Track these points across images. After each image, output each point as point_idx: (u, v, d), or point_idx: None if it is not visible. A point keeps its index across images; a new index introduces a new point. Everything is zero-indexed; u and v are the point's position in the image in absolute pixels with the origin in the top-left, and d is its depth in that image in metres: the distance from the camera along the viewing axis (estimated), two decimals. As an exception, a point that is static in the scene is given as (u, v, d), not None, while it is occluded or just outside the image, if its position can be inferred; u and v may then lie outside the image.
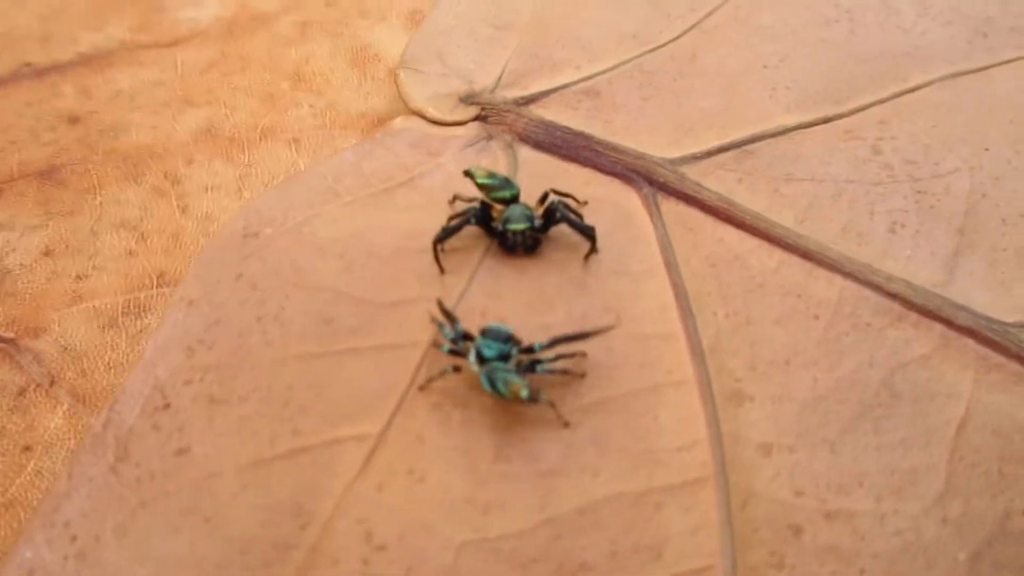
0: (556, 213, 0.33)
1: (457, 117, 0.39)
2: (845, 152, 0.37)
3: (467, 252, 0.34)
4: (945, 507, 0.26)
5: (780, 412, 0.28)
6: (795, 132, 0.38)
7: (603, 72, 0.40)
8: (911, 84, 0.40)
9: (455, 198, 0.34)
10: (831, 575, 0.25)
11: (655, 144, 0.37)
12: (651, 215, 0.34)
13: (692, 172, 0.36)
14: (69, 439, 0.30)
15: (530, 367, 0.28)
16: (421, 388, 0.29)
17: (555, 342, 0.29)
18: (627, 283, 0.32)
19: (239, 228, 0.34)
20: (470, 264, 0.33)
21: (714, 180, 0.36)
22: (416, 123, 0.39)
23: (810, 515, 0.26)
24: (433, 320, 0.30)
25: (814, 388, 0.29)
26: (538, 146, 0.37)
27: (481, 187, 0.34)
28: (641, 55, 0.41)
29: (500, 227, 0.33)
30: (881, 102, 0.39)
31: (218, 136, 0.39)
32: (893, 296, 0.31)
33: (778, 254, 0.33)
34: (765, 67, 0.40)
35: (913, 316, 0.31)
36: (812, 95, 0.39)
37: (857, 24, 0.42)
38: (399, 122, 0.39)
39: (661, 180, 0.36)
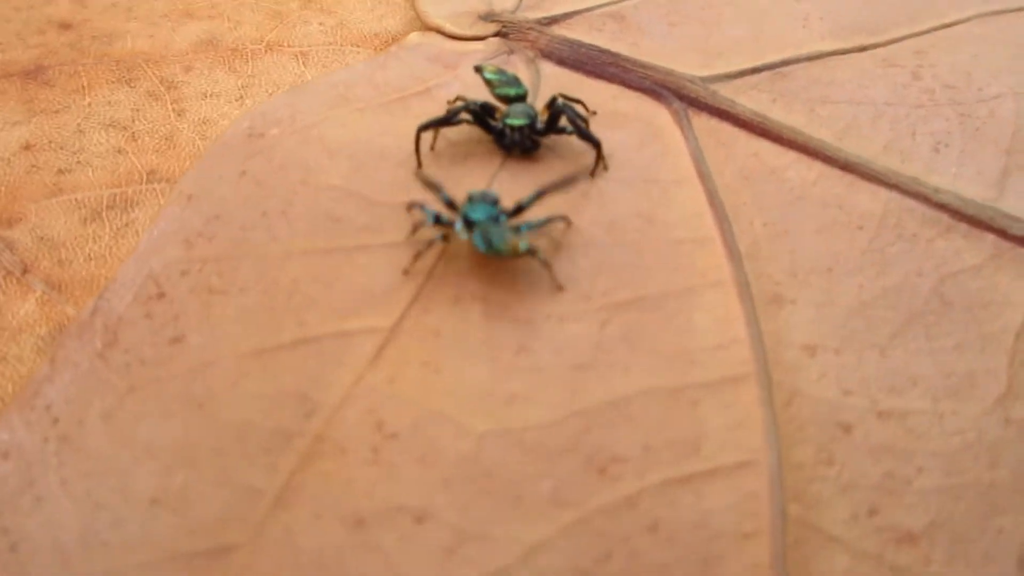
0: (561, 116, 0.31)
1: (476, 32, 0.37)
2: (883, 77, 0.35)
3: (484, 159, 0.31)
4: (1007, 408, 0.24)
5: (824, 316, 0.26)
6: (830, 58, 0.36)
7: (629, -2, 0.39)
8: (948, 20, 0.38)
9: (457, 99, 0.32)
10: (885, 473, 0.22)
11: (684, 63, 0.35)
12: (682, 129, 0.32)
13: (724, 90, 0.34)
14: (40, 326, 0.27)
15: (518, 228, 0.27)
16: (406, 272, 0.27)
17: (539, 194, 0.27)
18: (658, 191, 0.30)
19: (243, 128, 0.32)
20: (485, 175, 0.31)
21: (747, 98, 0.34)
22: (433, 38, 0.37)
23: (861, 414, 0.24)
24: (412, 206, 0.28)
25: (859, 295, 0.27)
26: (562, 62, 0.35)
27: (488, 82, 0.32)
28: (667, -17, 0.39)
29: (499, 125, 0.31)
30: (918, 35, 0.37)
31: (220, 47, 0.37)
32: (941, 207, 0.29)
33: (817, 167, 0.31)
34: (797, 0, 0.39)
35: (963, 227, 0.28)
36: (846, 26, 0.37)
37: (892, -40, 0.40)
38: (415, 37, 0.37)
39: (692, 95, 0.33)
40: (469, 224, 0.27)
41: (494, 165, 0.31)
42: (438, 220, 0.27)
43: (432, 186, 0.28)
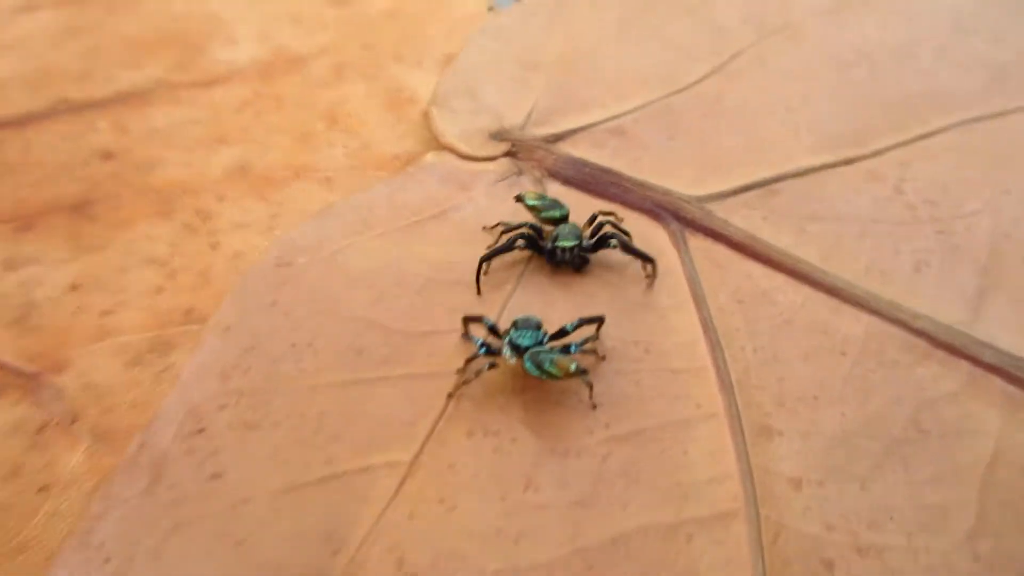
0: (606, 234, 0.33)
1: (487, 152, 0.39)
2: (868, 192, 0.37)
3: (496, 287, 0.34)
4: (976, 544, 0.25)
5: (809, 447, 0.28)
6: (818, 172, 0.38)
7: (631, 111, 0.41)
8: (931, 128, 0.40)
9: (498, 224, 0.35)
10: (864, 611, 0.24)
11: (681, 182, 0.37)
12: (679, 251, 0.34)
13: (718, 209, 0.36)
14: (87, 480, 0.28)
15: (564, 349, 0.29)
16: (450, 396, 0.29)
17: (582, 323, 0.30)
18: (656, 318, 0.32)
19: (273, 257, 0.34)
20: (498, 300, 0.33)
21: (740, 217, 0.36)
22: (447, 158, 0.39)
23: (842, 550, 0.26)
24: (464, 337, 0.30)
25: (842, 424, 0.29)
26: (567, 182, 0.38)
27: (532, 209, 0.34)
28: (667, 96, 0.41)
29: (549, 245, 0.33)
30: (902, 145, 0.39)
31: (250, 174, 0.39)
32: (919, 333, 0.31)
33: (804, 290, 0.33)
34: (788, 109, 0.41)
35: (940, 353, 0.30)
36: (834, 136, 0.39)
37: (877, 68, 0.42)
38: (430, 157, 0.39)
39: (688, 216, 0.36)
40: (516, 349, 0.29)
41: (508, 285, 0.34)
42: (487, 349, 0.30)
43: (476, 319, 0.30)
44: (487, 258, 0.33)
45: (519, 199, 0.35)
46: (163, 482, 0.28)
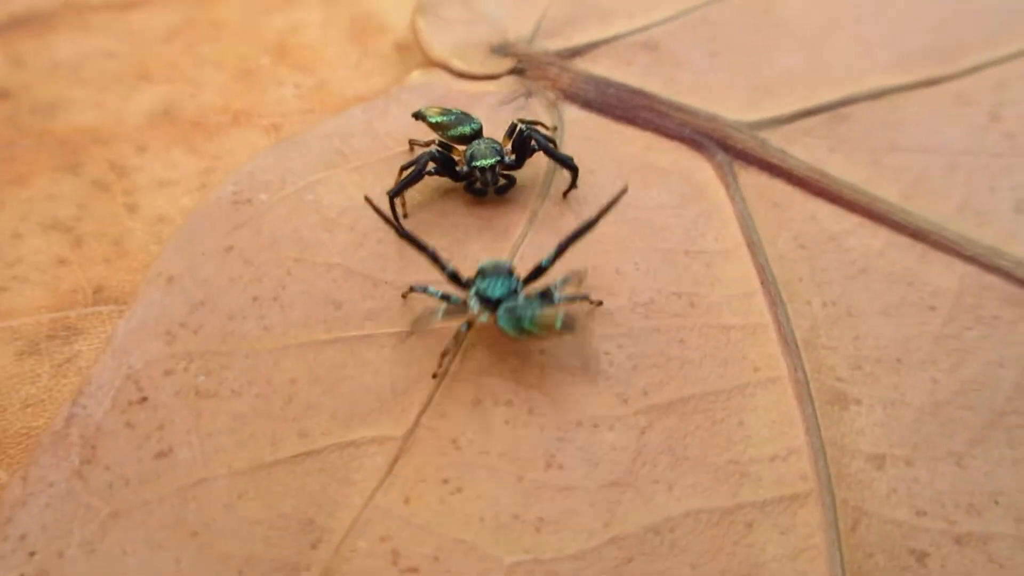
0: (529, 142, 0.33)
1: (489, 70, 0.39)
2: (958, 118, 0.37)
3: (501, 227, 0.33)
4: (1101, 531, 0.25)
5: (893, 418, 0.28)
6: (896, 94, 0.38)
7: (662, 22, 0.40)
8: (1032, 43, 0.40)
9: (410, 142, 0.35)
10: (965, 610, 0.24)
11: (729, 106, 0.37)
12: (727, 187, 0.34)
13: (775, 138, 0.36)
14: None
15: (545, 296, 0.29)
16: (435, 376, 0.29)
17: (561, 249, 0.29)
18: (701, 265, 0.32)
19: (228, 192, 0.34)
20: (507, 244, 0.33)
21: (801, 148, 0.35)
22: (439, 76, 0.39)
23: (936, 538, 0.25)
24: (411, 289, 0.30)
25: (933, 391, 0.29)
26: (587, 105, 0.37)
27: (436, 127, 0.34)
28: (706, 3, 0.41)
29: (465, 168, 0.33)
30: (998, 63, 0.39)
31: (178, 119, 0.38)
32: (1025, 284, 0.31)
33: (883, 234, 0.33)
34: (857, 20, 0.40)
35: (1051, 308, 0.30)
36: (915, 53, 0.39)
37: (966, -27, 0.42)
38: (418, 75, 0.39)
39: (738, 146, 0.35)
40: (486, 302, 0.29)
41: (520, 225, 0.33)
42: (447, 301, 0.29)
43: (431, 256, 0.29)
44: (396, 193, 0.32)
45: (418, 116, 0.34)
46: (98, 462, 0.27)
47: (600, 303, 0.30)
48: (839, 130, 0.36)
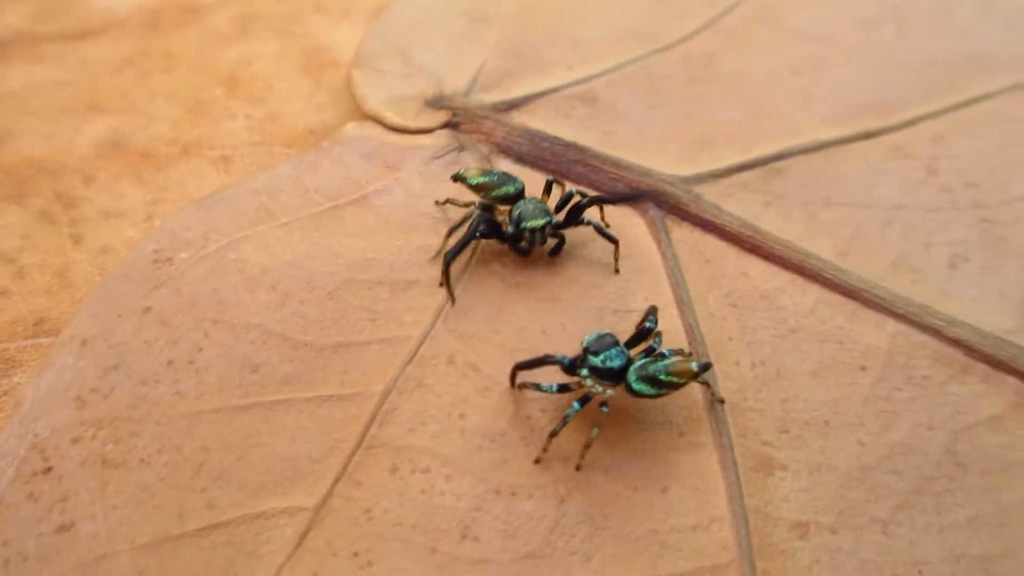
0: (580, 206, 0.33)
1: (422, 123, 0.38)
2: (894, 172, 0.36)
3: (425, 287, 0.33)
4: (1027, 604, 0.25)
5: (819, 484, 0.27)
6: (833, 148, 0.37)
7: (602, 74, 0.40)
8: (970, 95, 0.40)
9: (447, 202, 0.34)
10: None
11: (664, 160, 0.37)
12: (659, 243, 0.34)
13: (710, 192, 0.35)
14: None
15: (649, 351, 0.29)
16: (537, 462, 0.28)
17: (652, 312, 0.30)
18: (629, 325, 0.31)
19: (148, 251, 0.33)
20: (432, 303, 0.32)
21: (736, 203, 0.35)
22: (372, 130, 0.38)
23: (859, 613, 0.25)
24: (523, 387, 0.29)
25: (860, 455, 0.28)
26: (521, 159, 0.37)
27: (477, 188, 0.33)
28: (647, 55, 0.41)
29: (512, 228, 0.32)
30: (935, 115, 0.39)
31: (127, 150, 0.38)
32: (956, 343, 0.30)
33: (815, 291, 0.32)
34: (795, 73, 0.40)
35: (981, 368, 0.30)
36: (852, 106, 0.39)
37: (906, 25, 0.42)
38: (351, 129, 0.38)
39: (672, 201, 0.35)
40: (612, 375, 0.28)
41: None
42: (566, 390, 0.28)
43: (543, 362, 0.28)
44: (453, 256, 0.32)
45: (457, 178, 0.34)
46: (-4, 536, 0.27)
47: (691, 355, 0.30)
48: (775, 184, 0.36)
